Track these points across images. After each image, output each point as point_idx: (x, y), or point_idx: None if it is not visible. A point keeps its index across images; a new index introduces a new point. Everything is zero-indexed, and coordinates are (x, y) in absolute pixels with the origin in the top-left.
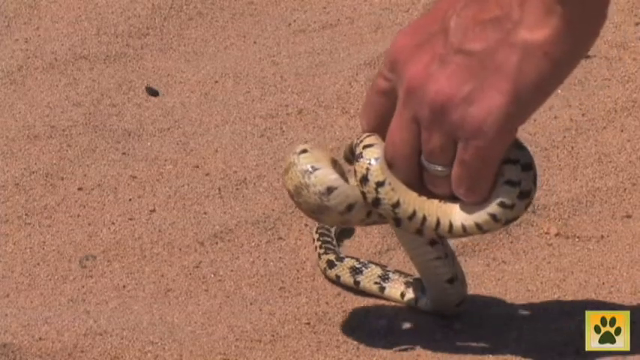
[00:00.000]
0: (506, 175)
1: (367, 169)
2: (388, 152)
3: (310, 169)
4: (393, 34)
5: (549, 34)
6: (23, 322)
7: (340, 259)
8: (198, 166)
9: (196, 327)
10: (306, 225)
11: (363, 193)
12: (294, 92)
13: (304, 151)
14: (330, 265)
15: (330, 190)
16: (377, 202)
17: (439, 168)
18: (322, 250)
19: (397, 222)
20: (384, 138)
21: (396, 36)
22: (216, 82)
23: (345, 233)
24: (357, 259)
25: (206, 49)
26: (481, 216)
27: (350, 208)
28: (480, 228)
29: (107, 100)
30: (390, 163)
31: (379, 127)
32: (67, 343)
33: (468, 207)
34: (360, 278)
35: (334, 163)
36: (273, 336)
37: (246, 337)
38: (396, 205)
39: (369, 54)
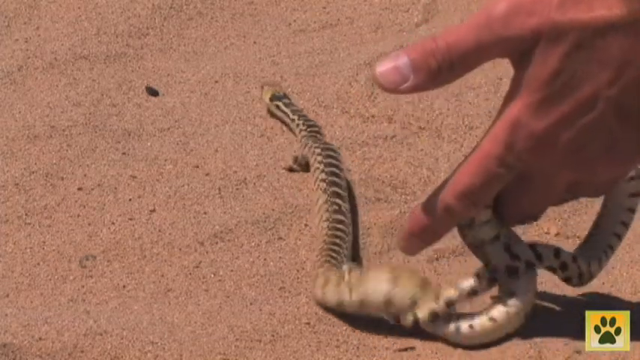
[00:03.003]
0: None
1: None
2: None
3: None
4: (393, 34)
5: None
6: (23, 322)
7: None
8: (198, 166)
9: (196, 327)
10: (306, 225)
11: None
12: (294, 92)
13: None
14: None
15: None
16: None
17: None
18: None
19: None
20: None
21: None
22: (216, 82)
23: None
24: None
25: (206, 49)
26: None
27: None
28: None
29: (107, 100)
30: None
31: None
32: (67, 343)
33: None
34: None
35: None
36: (273, 336)
37: (246, 337)
38: None
39: (369, 54)
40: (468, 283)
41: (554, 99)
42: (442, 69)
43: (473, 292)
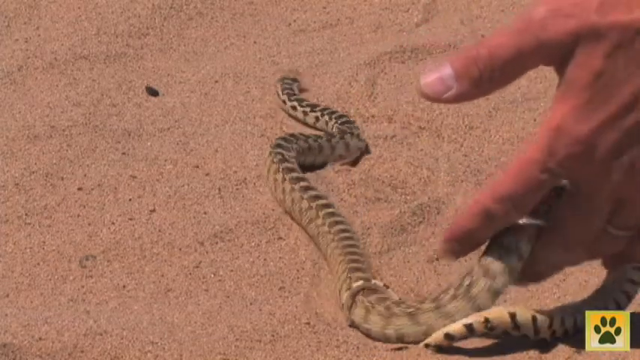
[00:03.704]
0: None
1: None
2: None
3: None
4: (393, 34)
5: None
6: (23, 322)
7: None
8: (198, 166)
9: (196, 327)
10: None
11: None
12: None
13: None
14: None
15: None
16: None
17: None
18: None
19: None
20: None
21: None
22: (216, 82)
23: None
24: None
25: (206, 49)
26: None
27: None
28: None
29: (107, 100)
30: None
31: None
32: (67, 343)
33: None
34: None
35: None
36: (273, 336)
37: (246, 337)
38: None
39: (369, 54)
40: (460, 330)
41: (596, 102)
42: (483, 76)
43: (466, 337)
